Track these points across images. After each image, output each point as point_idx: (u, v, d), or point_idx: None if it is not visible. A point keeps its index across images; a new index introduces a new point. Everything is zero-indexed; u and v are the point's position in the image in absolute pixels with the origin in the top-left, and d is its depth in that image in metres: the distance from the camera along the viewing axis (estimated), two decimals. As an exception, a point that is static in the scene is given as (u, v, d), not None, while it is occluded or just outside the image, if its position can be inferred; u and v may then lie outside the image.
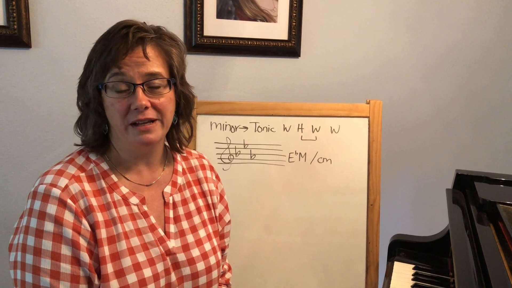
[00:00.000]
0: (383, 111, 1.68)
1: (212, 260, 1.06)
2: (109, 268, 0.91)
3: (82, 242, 0.89)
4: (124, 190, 0.98)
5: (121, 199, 0.96)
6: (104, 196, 0.95)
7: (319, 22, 1.81)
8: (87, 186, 0.94)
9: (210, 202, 1.13)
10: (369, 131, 1.64)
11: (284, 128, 1.62)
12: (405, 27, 1.90)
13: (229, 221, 1.21)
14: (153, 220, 0.99)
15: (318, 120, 1.62)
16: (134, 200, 0.98)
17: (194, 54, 1.71)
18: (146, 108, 0.93)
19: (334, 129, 1.63)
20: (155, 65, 0.95)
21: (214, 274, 1.06)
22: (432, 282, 1.37)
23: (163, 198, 1.04)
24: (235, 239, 1.61)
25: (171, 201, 1.04)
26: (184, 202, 1.07)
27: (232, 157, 1.60)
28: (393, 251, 1.56)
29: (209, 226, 1.10)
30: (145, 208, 0.99)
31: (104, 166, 0.98)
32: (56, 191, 0.89)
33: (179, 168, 1.10)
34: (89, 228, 0.90)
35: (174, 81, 0.99)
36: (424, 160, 2.05)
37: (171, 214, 1.03)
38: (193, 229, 1.06)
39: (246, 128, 1.60)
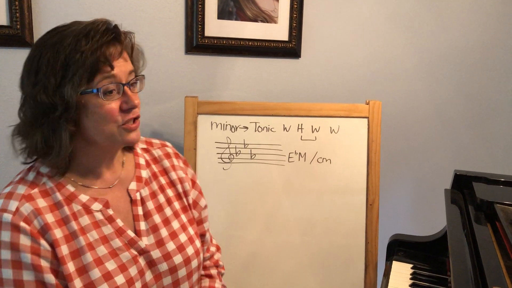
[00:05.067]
0: (383, 112, 1.69)
1: (190, 250, 1.03)
2: (78, 283, 0.87)
3: (44, 264, 0.85)
4: (84, 198, 0.93)
5: (82, 208, 0.92)
6: (61, 209, 0.90)
7: (320, 23, 1.82)
8: (42, 202, 0.88)
9: (180, 190, 1.09)
10: (368, 132, 1.65)
11: (284, 128, 1.63)
12: (405, 28, 1.91)
13: (206, 206, 1.17)
14: (120, 223, 0.95)
15: (318, 120, 1.63)
16: (96, 206, 0.93)
17: (195, 54, 1.72)
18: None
19: (333, 129, 1.64)
20: (130, 63, 0.95)
21: (194, 263, 1.04)
22: (430, 281, 1.38)
23: (129, 196, 1.00)
24: (235, 239, 1.62)
25: (138, 198, 1.00)
26: (153, 195, 1.03)
27: (232, 156, 1.61)
28: (392, 251, 1.57)
29: (183, 216, 1.07)
30: (110, 212, 0.94)
31: (58, 177, 0.92)
32: (7, 217, 0.84)
33: (141, 161, 1.06)
34: (49, 248, 0.86)
35: (144, 77, 0.98)
36: (423, 161, 2.06)
37: (140, 211, 1.00)
38: (166, 222, 1.03)
39: (247, 128, 1.61)
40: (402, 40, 1.92)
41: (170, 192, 1.07)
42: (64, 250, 0.87)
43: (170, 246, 1.00)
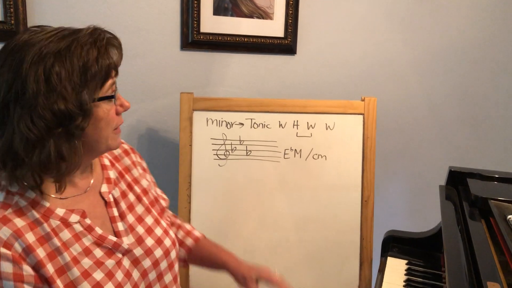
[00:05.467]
0: (378, 109, 1.69)
1: (167, 242, 1.05)
2: None
3: None
4: (61, 211, 0.89)
5: (60, 223, 0.89)
6: (41, 226, 0.86)
7: (315, 20, 1.82)
8: (19, 222, 0.84)
9: (145, 185, 1.11)
10: (363, 128, 1.65)
11: (280, 125, 1.63)
12: (401, 25, 1.92)
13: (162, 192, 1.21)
14: (99, 231, 0.94)
15: (314, 117, 1.64)
16: (74, 218, 0.91)
17: (190, 50, 1.72)
18: None
19: (329, 126, 1.64)
20: None
21: (173, 254, 1.06)
22: (424, 277, 1.39)
23: (103, 199, 0.99)
24: (230, 235, 1.62)
25: (111, 199, 1.00)
26: (123, 195, 1.04)
27: (228, 153, 1.61)
28: (387, 247, 1.58)
29: (153, 210, 1.09)
30: (87, 222, 0.92)
31: (30, 194, 0.88)
32: None
33: (106, 162, 1.05)
34: (32, 272, 0.83)
35: None
36: (418, 157, 2.07)
37: (115, 212, 1.00)
38: (140, 219, 1.03)
39: (242, 124, 1.61)
40: (398, 37, 1.92)
41: (137, 189, 1.08)
42: (50, 269, 0.85)
43: (149, 241, 1.01)
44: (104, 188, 1.00)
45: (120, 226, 0.99)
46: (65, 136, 0.84)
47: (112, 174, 1.04)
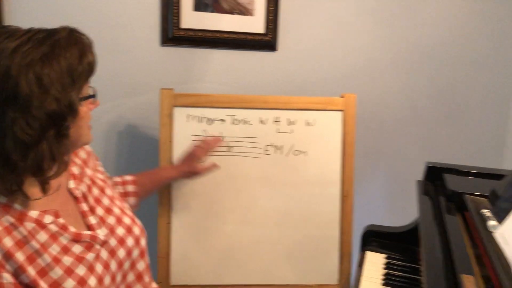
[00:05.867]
0: (358, 106, 1.71)
1: (136, 230, 1.07)
2: None
3: None
4: (34, 214, 0.89)
5: (35, 225, 0.88)
6: (17, 230, 0.86)
7: (296, 17, 1.83)
8: None
9: (102, 176, 1.13)
10: (343, 125, 1.67)
11: (261, 121, 1.63)
12: (381, 23, 1.93)
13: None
14: (73, 229, 0.94)
15: (294, 113, 1.64)
16: (48, 219, 0.91)
17: (170, 46, 1.71)
18: None
19: (309, 122, 1.65)
20: None
21: (143, 242, 1.08)
22: (403, 270, 1.41)
23: (72, 195, 1.01)
24: (212, 231, 1.62)
25: (80, 195, 1.01)
26: (89, 189, 1.05)
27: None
28: (366, 241, 1.60)
29: (117, 201, 1.11)
30: (61, 221, 0.93)
31: (1, 199, 0.87)
32: None
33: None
34: (11, 280, 0.83)
35: None
36: (397, 153, 2.09)
37: (85, 207, 1.01)
38: (108, 210, 1.05)
39: (223, 120, 1.61)
40: (378, 34, 1.94)
41: (99, 182, 1.10)
42: (31, 272, 0.85)
43: (120, 231, 1.04)
44: (72, 184, 1.02)
45: (92, 220, 1.00)
46: (56, 137, 0.86)
47: (76, 170, 1.05)
